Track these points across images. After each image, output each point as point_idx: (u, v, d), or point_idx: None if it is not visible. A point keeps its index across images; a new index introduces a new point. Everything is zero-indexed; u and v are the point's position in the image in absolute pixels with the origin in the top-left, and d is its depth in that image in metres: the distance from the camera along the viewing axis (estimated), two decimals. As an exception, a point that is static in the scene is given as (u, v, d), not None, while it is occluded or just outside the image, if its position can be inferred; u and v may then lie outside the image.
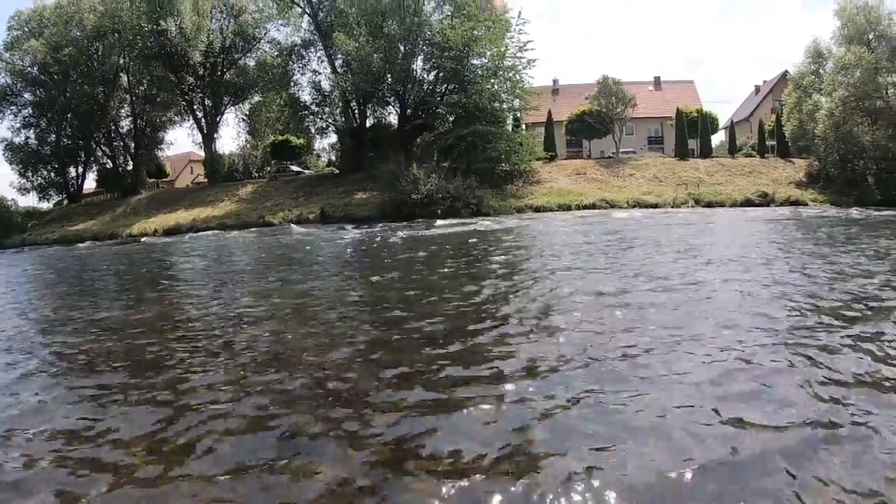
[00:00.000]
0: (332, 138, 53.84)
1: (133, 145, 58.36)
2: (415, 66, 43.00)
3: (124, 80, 55.74)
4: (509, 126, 44.50)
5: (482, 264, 11.75)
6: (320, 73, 47.21)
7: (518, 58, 41.86)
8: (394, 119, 46.92)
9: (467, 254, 13.88)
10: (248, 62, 53.66)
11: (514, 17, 42.00)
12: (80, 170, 60.67)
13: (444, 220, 29.72)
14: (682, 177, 41.07)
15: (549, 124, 47.82)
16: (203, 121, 54.90)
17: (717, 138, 58.02)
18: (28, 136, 58.46)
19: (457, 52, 39.87)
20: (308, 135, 51.55)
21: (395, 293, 8.60)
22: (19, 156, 57.64)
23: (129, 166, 58.99)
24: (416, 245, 16.96)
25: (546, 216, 30.97)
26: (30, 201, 60.15)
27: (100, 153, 60.35)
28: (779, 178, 40.65)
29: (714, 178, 41.16)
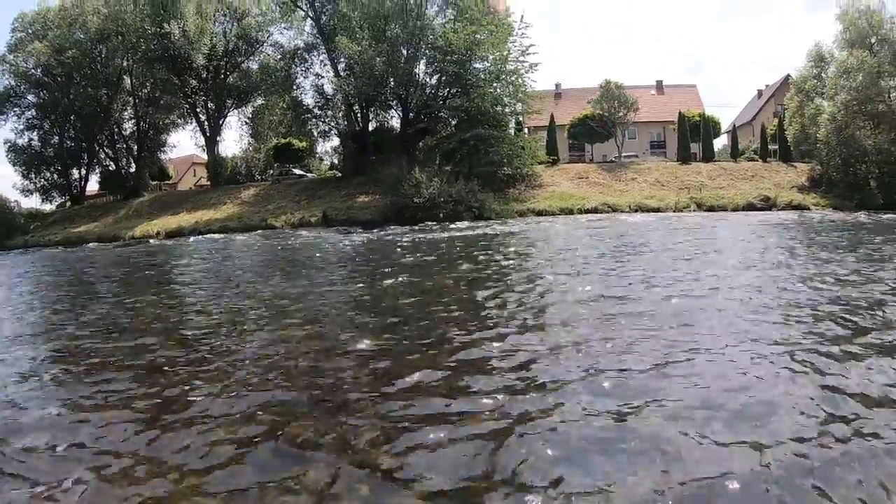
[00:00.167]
0: (335, 142, 54.18)
1: (136, 148, 58.46)
2: (417, 70, 43.22)
3: (128, 82, 55.90)
4: (511, 130, 44.57)
5: (491, 269, 11.71)
6: (323, 77, 47.43)
7: (520, 62, 42.06)
8: (396, 123, 47.12)
9: (476, 258, 13.83)
10: (251, 65, 53.83)
11: (517, 22, 42.21)
12: (83, 172, 60.85)
13: (453, 224, 29.79)
14: (684, 181, 41.05)
15: (552, 128, 47.87)
16: (206, 124, 55.01)
17: (719, 142, 58.19)
18: (31, 138, 58.75)
19: (459, 56, 40.00)
20: (311, 138, 51.79)
21: (398, 298, 8.60)
22: (22, 157, 57.86)
23: (132, 168, 59.13)
24: (426, 248, 16.93)
25: (559, 220, 30.78)
26: (33, 203, 60.52)
27: (103, 155, 60.50)
28: (781, 182, 40.66)
29: (716, 182, 41.15)
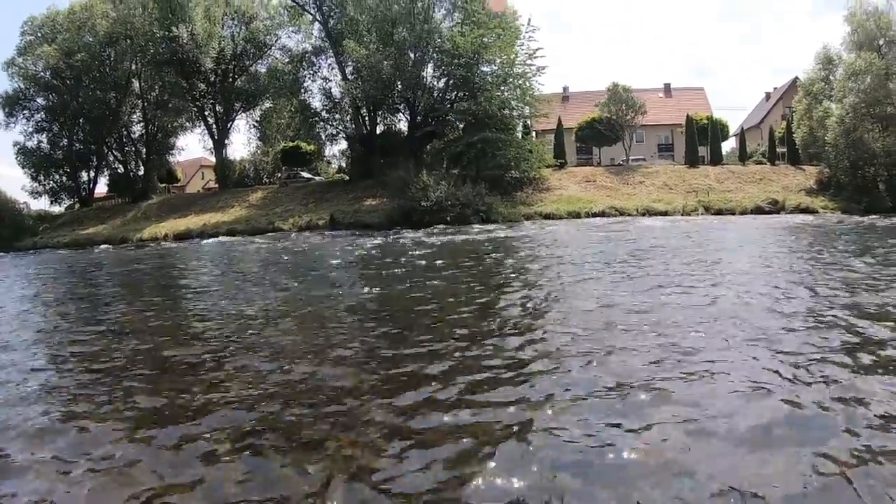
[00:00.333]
0: (343, 145, 54.51)
1: (144, 150, 58.87)
2: (425, 74, 43.31)
3: (136, 85, 56.27)
4: (519, 133, 44.64)
5: (503, 273, 11.71)
6: (331, 80, 47.60)
7: (528, 65, 42.14)
8: (404, 126, 47.24)
9: (487, 262, 13.84)
10: (259, 69, 54.24)
11: (524, 25, 42.22)
12: (92, 174, 61.30)
13: (461, 227, 29.82)
14: (692, 184, 40.96)
15: (559, 131, 47.86)
16: (214, 127, 55.34)
17: (727, 145, 58.01)
18: (40, 141, 59.23)
19: (466, 60, 40.05)
20: (318, 141, 51.88)
21: (409, 302, 8.59)
22: (32, 160, 58.26)
23: (141, 171, 59.50)
24: (436, 252, 16.84)
25: (569, 223, 30.73)
26: (42, 205, 60.76)
27: (111, 158, 60.92)
28: (789, 185, 40.52)
29: (724, 185, 41.04)
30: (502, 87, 41.88)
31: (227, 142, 56.91)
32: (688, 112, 49.19)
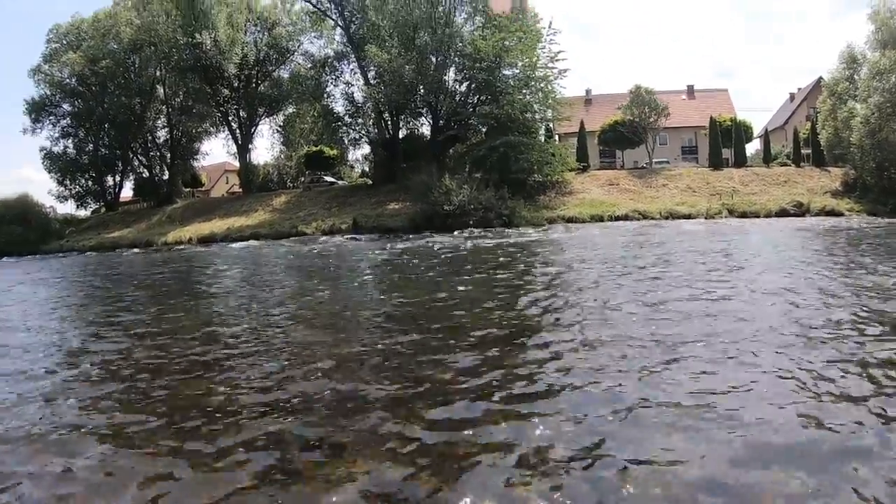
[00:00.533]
0: (366, 149, 54.53)
1: (169, 155, 59.72)
2: (447, 78, 43.27)
3: (161, 91, 57.10)
4: (541, 137, 44.46)
5: (532, 277, 11.60)
6: (353, 85, 47.73)
7: (549, 68, 41.80)
8: (426, 130, 47.20)
9: (517, 264, 13.82)
10: (282, 74, 54.69)
11: (545, 28, 42.04)
12: (118, 179, 62.32)
13: (484, 231, 29.69)
14: (715, 187, 40.60)
15: (582, 135, 47.49)
16: (238, 132, 55.89)
17: (751, 147, 57.42)
18: (66, 146, 60.37)
19: (488, 63, 39.97)
20: (341, 146, 52.06)
21: (437, 306, 8.60)
22: (58, 164, 59.36)
23: (166, 176, 60.38)
24: (464, 256, 16.88)
25: (594, 227, 30.38)
26: (68, 209, 61.88)
27: (136, 163, 61.81)
28: (814, 187, 39.99)
29: (748, 187, 40.64)
30: (524, 91, 41.62)
31: (250, 146, 57.65)
32: (711, 114, 48.70)
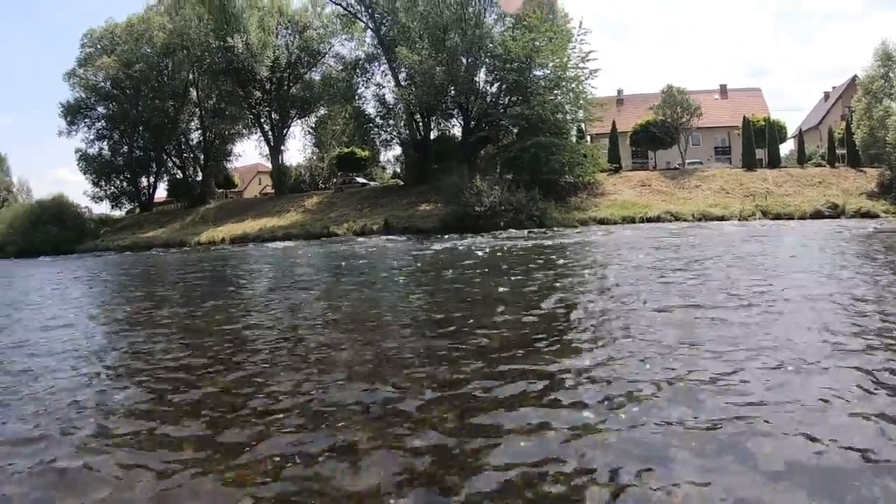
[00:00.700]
0: (397, 150, 55.16)
1: (202, 157, 60.77)
2: (477, 79, 43.41)
3: (194, 94, 58.17)
4: (573, 137, 44.19)
5: (568, 277, 11.56)
6: (384, 87, 48.28)
7: (580, 68, 41.47)
8: (458, 131, 47.40)
9: (552, 267, 13.68)
10: (314, 76, 55.44)
11: (576, 28, 41.80)
12: (152, 180, 63.62)
13: (516, 232, 29.58)
14: (749, 188, 40.06)
15: (614, 135, 47.20)
16: (270, 133, 56.69)
17: (785, 147, 56.57)
18: (101, 148, 61.83)
19: (519, 64, 39.90)
20: (373, 147, 52.66)
21: (472, 308, 8.50)
22: (93, 166, 60.78)
23: (199, 177, 61.44)
24: (499, 257, 16.70)
25: (629, 229, 29.87)
26: (103, 209, 63.32)
27: (170, 164, 63.03)
28: (849, 188, 39.23)
29: (782, 188, 40.06)
30: (555, 91, 41.40)
31: (283, 148, 58.49)
32: (744, 113, 47.92)
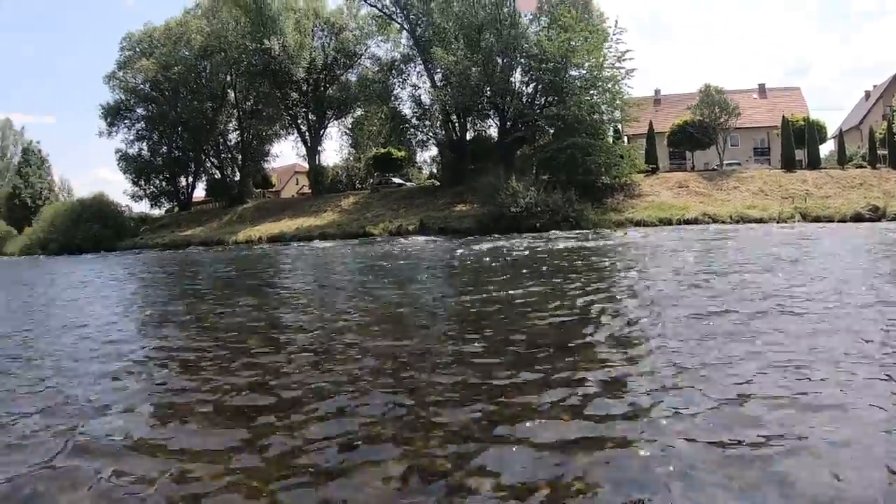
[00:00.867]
0: (433, 151, 55.52)
1: (240, 157, 61.85)
2: (513, 79, 43.45)
3: (231, 95, 59.32)
4: (609, 138, 43.93)
5: (608, 280, 11.38)
6: (420, 88, 48.57)
7: (616, 68, 41.15)
8: (494, 132, 47.39)
9: (590, 269, 13.61)
10: (350, 78, 56.09)
11: (611, 27, 41.54)
12: (190, 179, 65.15)
13: (553, 233, 29.16)
14: (788, 190, 39.34)
15: (651, 136, 46.53)
16: (307, 134, 57.47)
17: (825, 148, 55.55)
18: (141, 148, 63.48)
19: (554, 64, 39.79)
20: (409, 147, 53.08)
21: (514, 309, 8.44)
22: (133, 166, 62.46)
23: (237, 177, 62.62)
24: (539, 258, 16.56)
25: (678, 231, 29.38)
26: (142, 208, 65.04)
27: (209, 164, 64.39)
28: (891, 189, 38.16)
29: (822, 190, 39.28)
30: (591, 91, 41.15)
31: (319, 148, 59.23)
32: (783, 113, 47.05)
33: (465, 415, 4.01)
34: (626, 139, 49.35)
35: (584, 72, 41.21)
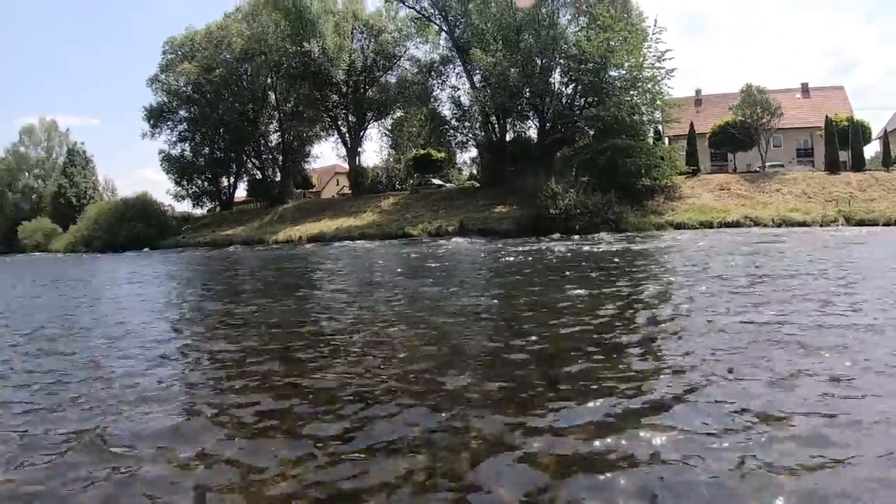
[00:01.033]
0: (473, 152, 55.60)
1: (281, 158, 62.90)
2: (552, 80, 43.49)
3: (272, 97, 60.45)
4: (650, 139, 43.56)
5: (649, 284, 10.88)
6: (459, 89, 48.80)
7: (656, 68, 40.68)
8: (533, 133, 47.51)
9: (632, 272, 13.32)
10: (389, 79, 56.59)
11: (651, 27, 41.09)
12: (232, 180, 66.58)
13: (593, 236, 29.27)
14: (831, 192, 38.63)
15: (692, 137, 46.12)
16: (347, 135, 58.24)
17: (870, 149, 54.39)
18: (183, 149, 65.19)
19: (594, 65, 39.72)
20: (449, 149, 53.53)
21: (548, 309, 8.35)
22: (175, 166, 64.14)
23: (278, 177, 63.57)
24: (583, 261, 16.31)
25: (719, 234, 28.98)
26: (185, 207, 66.89)
27: (250, 165, 65.74)
28: (938, 192, 37.73)
29: (866, 193, 38.47)
30: (631, 92, 40.75)
31: (359, 149, 59.96)
32: (827, 113, 46.19)
33: (496, 424, 3.87)
34: (666, 140, 48.63)
35: (624, 72, 40.98)
